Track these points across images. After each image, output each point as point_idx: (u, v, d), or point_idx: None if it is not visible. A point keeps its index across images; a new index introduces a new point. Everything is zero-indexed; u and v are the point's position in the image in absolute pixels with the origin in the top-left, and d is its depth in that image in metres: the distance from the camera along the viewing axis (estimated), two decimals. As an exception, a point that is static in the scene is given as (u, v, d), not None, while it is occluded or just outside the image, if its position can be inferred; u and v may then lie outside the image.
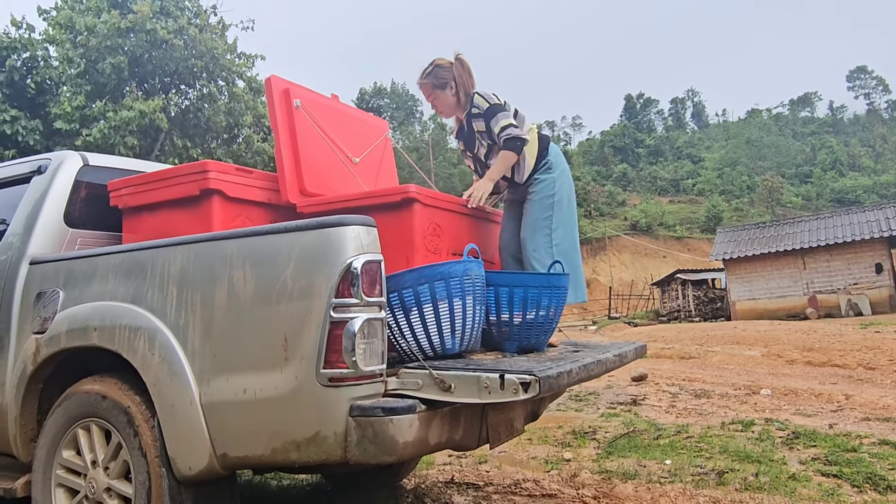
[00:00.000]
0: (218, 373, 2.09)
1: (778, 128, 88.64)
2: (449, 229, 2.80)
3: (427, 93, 3.14)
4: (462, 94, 3.10)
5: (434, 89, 3.10)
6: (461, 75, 3.09)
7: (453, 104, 3.14)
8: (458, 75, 3.08)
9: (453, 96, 3.11)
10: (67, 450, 2.45)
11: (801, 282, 23.16)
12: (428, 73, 3.10)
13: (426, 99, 3.19)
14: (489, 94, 3.07)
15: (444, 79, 3.08)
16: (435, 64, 3.09)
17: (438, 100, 3.13)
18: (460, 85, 3.09)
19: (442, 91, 3.10)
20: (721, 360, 10.80)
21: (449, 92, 3.10)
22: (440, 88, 3.10)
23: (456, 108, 3.15)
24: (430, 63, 3.12)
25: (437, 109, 3.20)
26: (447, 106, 3.15)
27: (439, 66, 3.08)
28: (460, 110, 3.15)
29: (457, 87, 3.10)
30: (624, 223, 57.08)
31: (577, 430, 5.09)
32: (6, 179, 3.13)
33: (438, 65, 3.09)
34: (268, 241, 2.13)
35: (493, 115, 3.02)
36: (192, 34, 15.15)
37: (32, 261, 2.74)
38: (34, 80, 14.76)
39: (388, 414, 1.90)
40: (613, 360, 2.63)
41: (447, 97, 3.11)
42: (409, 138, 59.37)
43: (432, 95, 3.13)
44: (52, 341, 2.48)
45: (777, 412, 5.72)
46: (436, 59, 3.11)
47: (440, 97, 3.12)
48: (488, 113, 3.03)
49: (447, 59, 3.10)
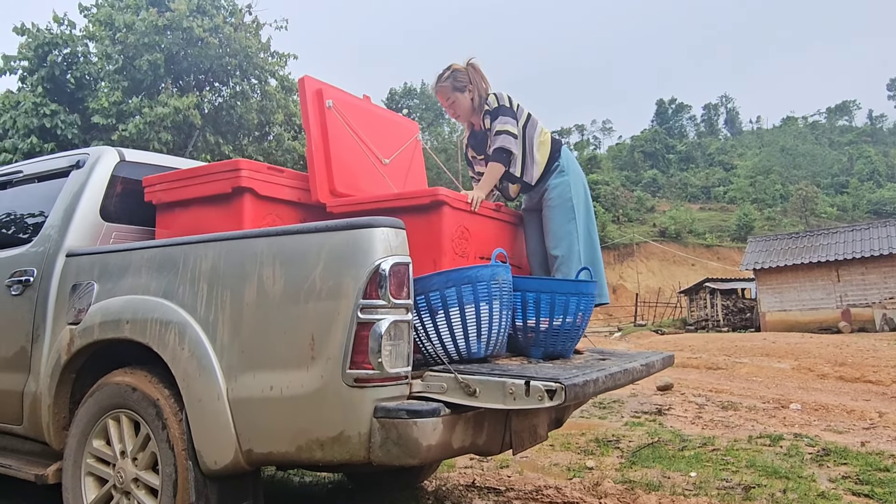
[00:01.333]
0: (245, 369, 2.12)
1: (814, 136, 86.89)
2: (477, 233, 2.80)
3: (446, 96, 3.18)
4: (478, 96, 3.15)
5: (454, 92, 3.14)
6: (476, 79, 3.15)
7: (470, 108, 3.18)
8: (473, 79, 3.14)
9: (470, 99, 3.16)
10: (98, 439, 2.49)
11: (834, 294, 22.63)
12: (446, 76, 3.15)
13: (444, 103, 3.23)
14: (503, 95, 3.13)
15: (463, 81, 3.13)
16: (452, 68, 3.15)
17: (457, 103, 3.17)
18: (476, 88, 3.14)
19: (461, 94, 3.15)
20: (749, 371, 10.61)
21: (467, 95, 3.15)
22: (459, 91, 3.14)
23: (472, 111, 3.19)
24: (446, 68, 3.18)
25: (454, 113, 3.24)
26: (465, 109, 3.18)
27: (457, 70, 3.14)
28: (476, 114, 3.19)
29: (474, 90, 3.14)
30: (652, 230, 56.43)
31: (601, 438, 5.04)
32: (46, 173, 3.21)
33: (456, 69, 3.15)
34: (298, 240, 2.15)
35: (496, 116, 3.07)
36: (227, 33, 15.38)
37: (69, 253, 2.80)
38: (74, 76, 15.11)
39: (412, 416, 1.90)
40: (640, 369, 2.59)
41: (465, 100, 3.16)
42: (437, 139, 59.47)
43: (451, 98, 3.16)
44: (86, 332, 2.53)
45: (807, 427, 5.60)
46: (452, 64, 3.17)
47: (458, 100, 3.16)
48: (495, 112, 3.09)
49: (461, 64, 3.16)
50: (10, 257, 3.01)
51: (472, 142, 3.28)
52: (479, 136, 3.23)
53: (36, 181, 3.27)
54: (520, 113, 3.12)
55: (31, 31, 14.83)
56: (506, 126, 3.04)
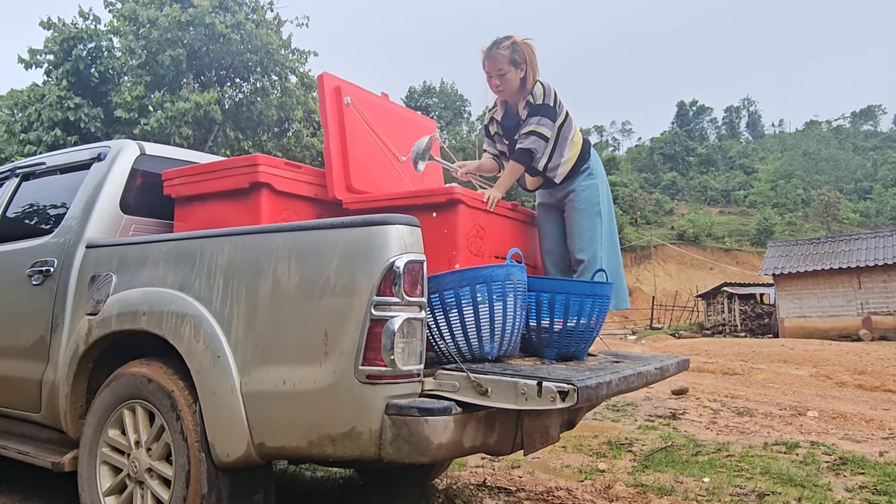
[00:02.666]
0: (259, 363, 2.13)
1: (838, 141, 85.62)
2: (492, 232, 2.79)
3: (498, 66, 2.97)
4: (530, 78, 2.99)
5: (508, 64, 2.96)
6: (532, 60, 2.99)
7: (517, 86, 3.01)
8: (530, 59, 2.98)
9: (521, 78, 3.00)
10: (113, 429, 2.52)
11: (855, 301, 22.29)
12: (506, 45, 2.95)
13: (491, 71, 3.01)
14: (550, 89, 2.98)
15: (521, 57, 2.96)
16: (513, 40, 2.96)
17: (507, 76, 2.98)
18: (531, 68, 2.99)
19: (515, 69, 2.97)
20: (766, 377, 10.49)
21: (519, 73, 2.98)
22: (514, 65, 2.96)
23: (516, 91, 3.03)
24: (505, 37, 2.98)
25: (499, 86, 3.02)
26: (512, 86, 3.01)
27: (517, 43, 2.96)
28: (519, 95, 3.03)
29: (527, 71, 2.99)
30: (671, 232, 55.97)
31: (613, 441, 5.01)
32: (69, 165, 3.26)
33: (516, 41, 2.96)
34: (313, 236, 2.16)
35: (536, 114, 2.97)
36: (248, 29, 15.49)
37: (89, 244, 2.84)
38: (98, 70, 15.32)
39: (423, 414, 1.90)
40: (654, 373, 2.57)
41: (516, 78, 2.99)
42: (455, 138, 59.41)
43: (503, 70, 2.97)
44: (104, 323, 2.56)
45: (824, 435, 5.53)
46: (512, 36, 2.98)
47: (510, 74, 2.97)
48: (536, 109, 2.97)
49: (521, 39, 2.99)
50: (31, 247, 3.06)
51: (506, 122, 3.14)
52: (513, 118, 3.09)
53: (58, 173, 3.31)
54: (560, 111, 3.02)
55: (57, 25, 15.06)
56: (541, 129, 2.95)
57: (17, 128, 15.01)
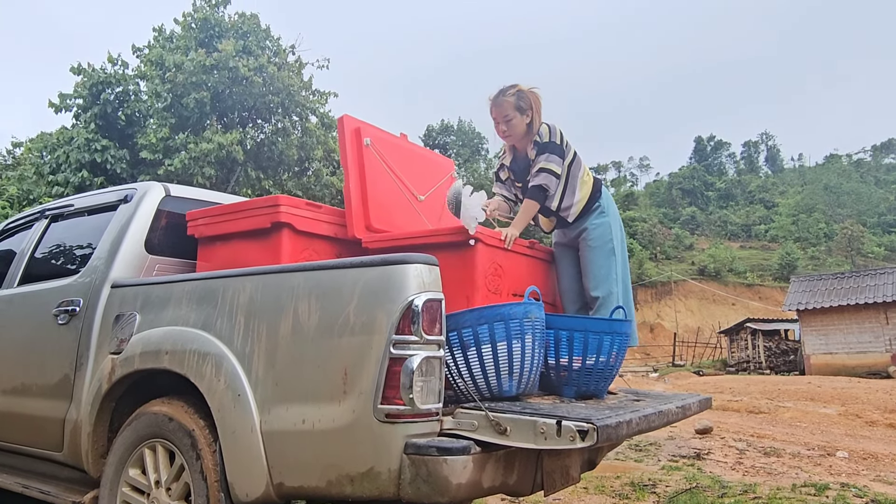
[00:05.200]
0: (279, 402, 2.14)
1: (859, 174, 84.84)
2: (510, 270, 2.81)
3: (504, 112, 3.07)
4: (535, 123, 3.08)
5: (515, 110, 3.06)
6: (537, 106, 3.09)
7: (523, 131, 3.10)
8: (535, 105, 3.08)
9: (527, 124, 3.09)
10: (134, 468, 2.54)
11: (883, 337, 21.78)
12: (512, 93, 3.06)
13: (498, 118, 3.11)
14: (556, 129, 3.07)
15: (526, 103, 3.06)
16: (518, 87, 3.07)
17: (514, 122, 3.08)
18: (535, 114, 3.08)
19: (521, 115, 3.07)
20: (793, 416, 10.23)
21: (525, 118, 3.08)
22: (520, 111, 3.06)
23: (522, 135, 3.12)
24: (510, 85, 3.09)
25: (506, 131, 3.12)
26: (518, 131, 3.10)
27: (522, 91, 3.07)
28: (525, 139, 3.13)
29: (533, 116, 3.08)
30: (691, 267, 55.43)
31: (636, 482, 4.90)
32: (96, 206, 3.35)
33: (521, 89, 3.07)
34: (333, 275, 2.19)
35: (544, 151, 3.04)
36: (270, 72, 15.91)
37: (114, 284, 2.90)
38: (125, 113, 15.80)
39: (442, 454, 1.90)
40: (676, 411, 2.54)
41: (522, 123, 3.08)
42: (473, 175, 59.87)
43: (510, 116, 3.07)
44: (127, 362, 2.60)
45: (854, 477, 5.36)
46: (517, 84, 3.09)
47: (516, 120, 3.07)
48: (544, 146, 3.04)
49: (526, 87, 3.09)
50: (58, 287, 3.13)
51: (515, 166, 3.23)
52: (522, 161, 3.18)
53: (86, 214, 3.40)
54: (567, 151, 3.09)
55: (87, 70, 15.59)
56: (550, 164, 3.01)
57: (46, 169, 15.45)
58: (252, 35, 16.50)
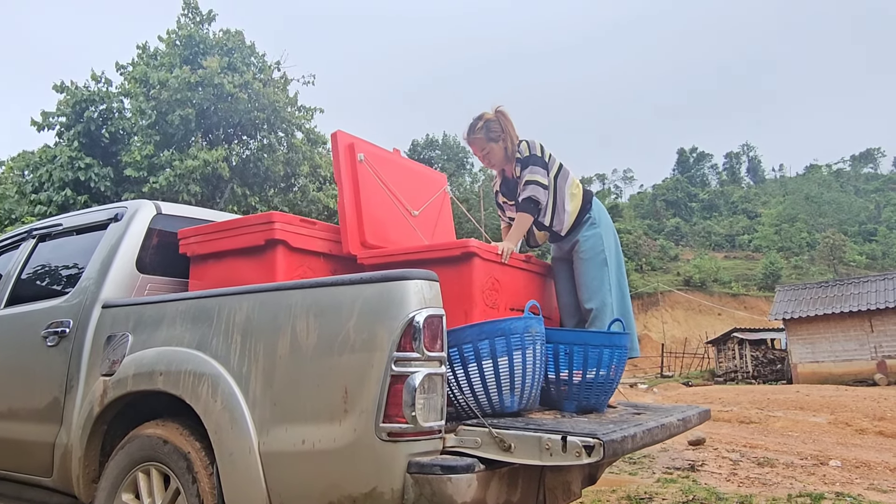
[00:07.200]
0: (277, 422, 2.10)
1: (839, 184, 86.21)
2: (507, 284, 2.79)
3: (480, 147, 3.16)
4: (511, 144, 3.14)
5: (488, 143, 3.13)
6: (507, 127, 3.14)
7: (504, 156, 3.17)
8: (505, 127, 3.13)
9: (504, 148, 3.15)
10: (127, 493, 2.47)
11: (868, 345, 21.99)
12: (479, 127, 3.13)
13: (477, 153, 3.21)
14: (535, 143, 3.11)
15: (496, 131, 3.12)
16: (484, 118, 3.13)
17: (491, 153, 3.16)
18: (509, 136, 3.13)
19: (495, 144, 3.14)
20: (784, 426, 10.27)
21: (500, 144, 3.14)
22: (494, 141, 3.13)
23: (505, 159, 3.18)
24: (476, 118, 3.15)
25: (489, 163, 3.22)
26: (499, 158, 3.18)
27: (489, 120, 3.12)
28: (509, 162, 3.18)
29: (507, 139, 3.13)
30: (677, 278, 55.79)
31: (633, 496, 4.87)
32: (85, 226, 3.29)
33: (488, 119, 3.12)
34: (332, 292, 2.16)
35: (527, 165, 3.07)
36: (256, 88, 15.85)
37: (105, 304, 2.84)
38: (108, 131, 15.65)
39: (446, 472, 1.87)
40: (677, 424, 2.53)
41: (499, 150, 3.15)
42: (459, 189, 60.06)
43: (486, 149, 3.15)
44: (120, 384, 2.54)
45: (849, 486, 5.37)
46: (483, 114, 3.15)
47: (493, 150, 3.15)
48: (525, 161, 3.08)
49: (491, 113, 3.14)
50: (47, 308, 3.07)
51: (504, 189, 3.28)
52: (511, 183, 3.23)
53: (74, 234, 3.35)
54: (551, 163, 3.12)
55: (70, 88, 15.47)
56: (535, 176, 3.04)
57: (29, 188, 15.25)
58: (237, 52, 16.47)
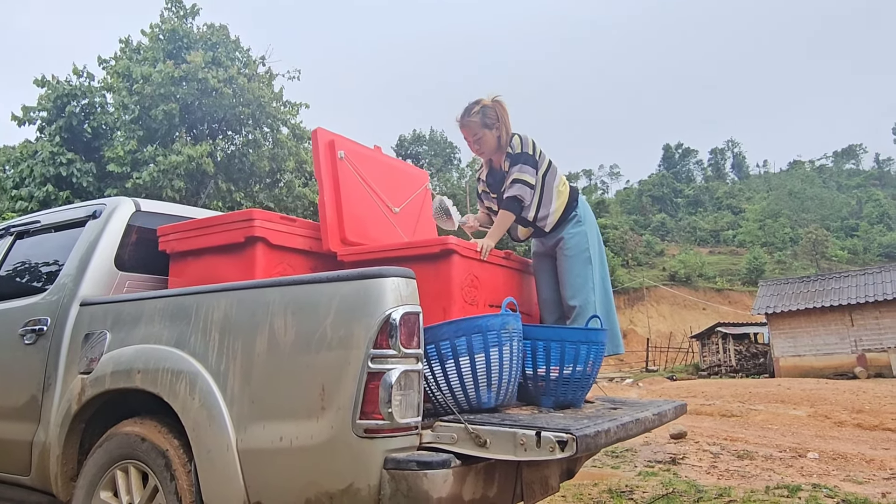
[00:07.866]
0: (255, 419, 2.11)
1: (822, 180, 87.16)
2: (487, 281, 2.81)
3: (472, 131, 3.09)
4: (504, 134, 3.10)
5: (482, 128, 3.07)
6: (503, 117, 3.09)
7: (495, 145, 3.12)
8: (501, 116, 3.09)
9: (497, 137, 3.10)
10: (105, 491, 2.47)
11: (848, 339, 22.30)
12: (476, 111, 3.06)
13: (469, 137, 3.14)
14: (528, 139, 3.08)
15: (492, 118, 3.07)
16: (482, 104, 3.07)
17: (483, 139, 3.10)
18: (503, 126, 3.09)
19: (489, 131, 3.08)
20: (765, 419, 10.41)
21: (494, 132, 3.09)
22: (488, 128, 3.07)
23: (496, 149, 3.14)
24: (474, 102, 3.09)
25: (479, 149, 3.15)
26: (490, 146, 3.12)
27: (486, 106, 3.06)
28: (500, 152, 3.14)
29: (501, 128, 3.09)
30: (662, 273, 56.14)
31: (614, 489, 4.93)
32: (63, 223, 3.27)
33: (485, 105, 3.07)
34: (309, 290, 2.17)
35: (517, 163, 3.05)
36: (240, 83, 15.77)
37: (83, 302, 2.83)
38: (91, 126, 15.51)
39: (422, 468, 1.88)
40: (652, 419, 2.56)
41: (492, 138, 3.09)
42: (446, 185, 60.01)
43: (478, 134, 3.09)
44: (97, 382, 2.54)
45: (825, 477, 5.46)
46: (481, 99, 3.09)
47: (485, 137, 3.09)
48: (516, 158, 3.06)
49: (489, 100, 3.09)
50: (24, 306, 3.05)
51: (490, 180, 3.24)
52: (497, 175, 3.19)
53: (53, 231, 3.33)
54: (541, 161, 3.10)
55: (52, 83, 15.30)
56: (523, 175, 3.02)
57: (9, 184, 15.09)
58: (221, 46, 16.36)
